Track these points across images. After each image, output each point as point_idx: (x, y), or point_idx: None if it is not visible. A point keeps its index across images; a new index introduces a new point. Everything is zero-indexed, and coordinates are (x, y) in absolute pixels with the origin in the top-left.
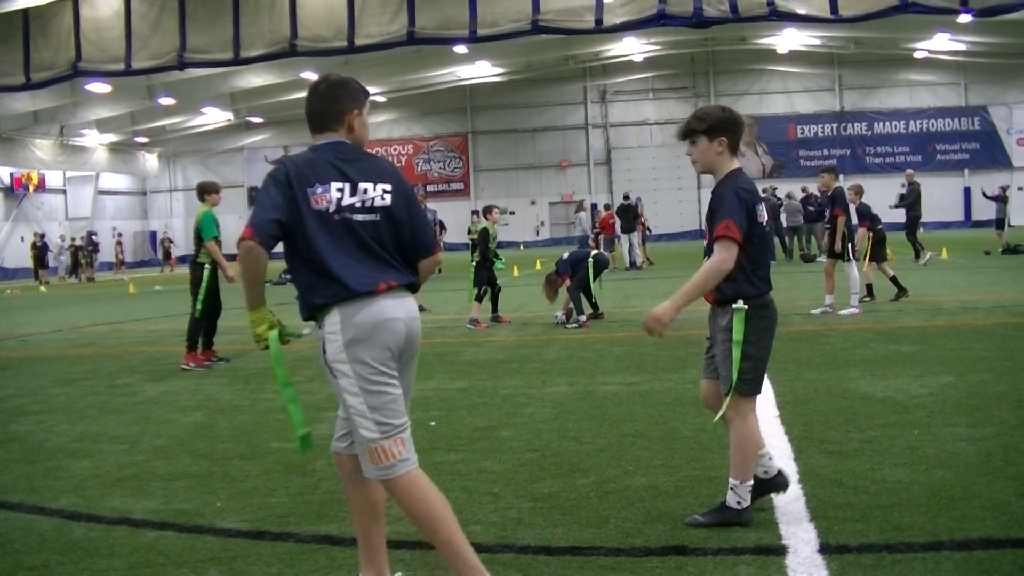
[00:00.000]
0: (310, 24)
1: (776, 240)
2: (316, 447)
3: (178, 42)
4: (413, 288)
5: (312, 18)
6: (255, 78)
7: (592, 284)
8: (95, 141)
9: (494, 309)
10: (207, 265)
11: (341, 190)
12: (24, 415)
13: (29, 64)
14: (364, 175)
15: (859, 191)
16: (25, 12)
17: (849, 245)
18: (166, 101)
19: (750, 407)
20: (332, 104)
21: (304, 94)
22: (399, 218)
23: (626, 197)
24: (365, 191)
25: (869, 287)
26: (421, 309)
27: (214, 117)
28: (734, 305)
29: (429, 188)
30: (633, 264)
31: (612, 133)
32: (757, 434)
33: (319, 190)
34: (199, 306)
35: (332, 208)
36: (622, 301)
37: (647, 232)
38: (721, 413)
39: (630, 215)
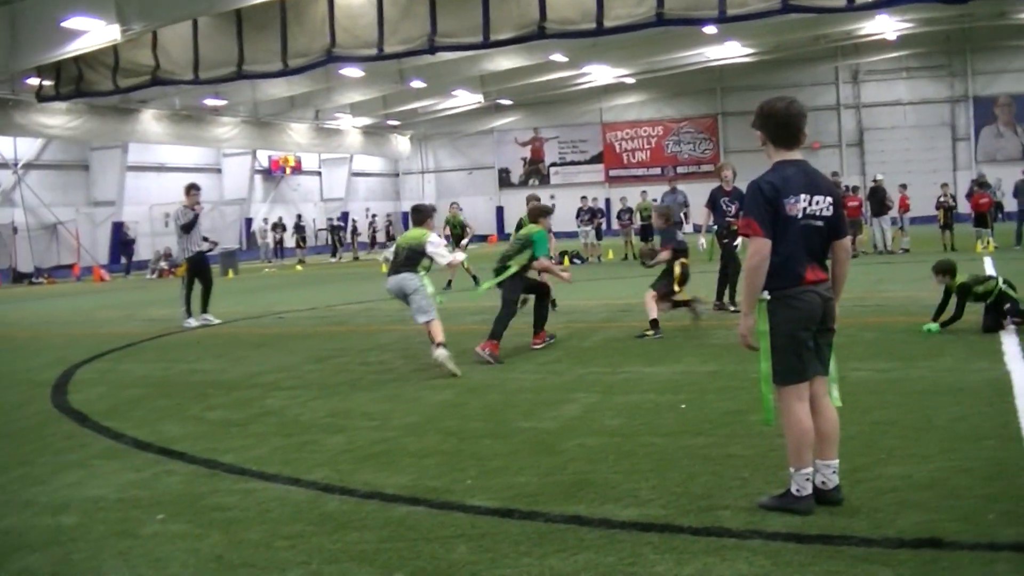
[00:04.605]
0: (558, 6)
1: None
2: (564, 428)
3: (428, 27)
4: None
5: (560, 0)
6: (504, 61)
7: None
8: (348, 124)
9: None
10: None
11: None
12: (279, 390)
13: (286, 51)
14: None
15: (665, 215)
16: (282, 2)
17: None
18: (417, 84)
19: (792, 396)
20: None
21: (552, 76)
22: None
23: (875, 180)
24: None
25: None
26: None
27: (464, 100)
28: (759, 297)
29: (680, 170)
30: (885, 248)
31: (864, 114)
32: (804, 422)
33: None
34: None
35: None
36: (874, 285)
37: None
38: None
39: (879, 198)
